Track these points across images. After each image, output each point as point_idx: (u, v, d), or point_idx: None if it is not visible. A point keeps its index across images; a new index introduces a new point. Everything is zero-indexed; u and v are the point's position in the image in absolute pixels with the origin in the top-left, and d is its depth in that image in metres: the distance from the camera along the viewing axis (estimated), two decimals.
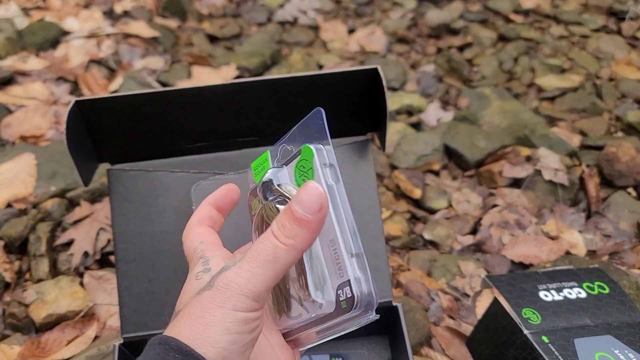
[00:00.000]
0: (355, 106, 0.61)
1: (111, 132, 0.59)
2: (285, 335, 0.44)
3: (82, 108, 0.56)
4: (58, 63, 1.39)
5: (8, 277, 0.89)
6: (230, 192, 0.48)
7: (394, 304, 0.64)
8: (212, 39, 1.66)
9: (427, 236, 1.04)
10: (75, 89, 1.35)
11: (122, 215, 0.62)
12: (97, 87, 1.33)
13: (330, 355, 0.68)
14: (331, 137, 0.66)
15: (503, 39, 1.72)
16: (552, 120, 1.36)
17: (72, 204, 1.01)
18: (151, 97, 0.56)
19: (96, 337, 0.82)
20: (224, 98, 0.57)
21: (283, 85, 0.58)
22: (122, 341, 0.62)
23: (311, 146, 0.41)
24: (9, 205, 0.99)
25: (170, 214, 0.62)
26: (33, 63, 1.38)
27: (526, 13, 1.83)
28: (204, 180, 0.60)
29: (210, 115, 0.59)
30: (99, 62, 1.44)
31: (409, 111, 1.38)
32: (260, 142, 0.64)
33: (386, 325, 0.70)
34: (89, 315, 0.85)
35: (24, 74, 1.35)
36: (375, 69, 0.58)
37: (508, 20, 1.79)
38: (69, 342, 0.80)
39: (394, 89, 1.49)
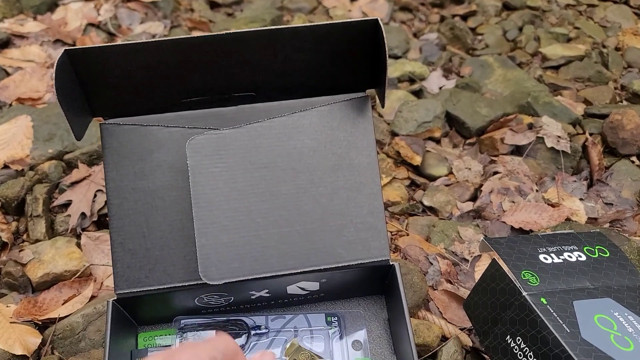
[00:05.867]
0: (355, 61, 0.60)
1: (103, 84, 0.57)
2: None
3: (73, 59, 0.54)
4: (56, 26, 1.37)
5: (5, 237, 0.89)
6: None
7: (391, 262, 0.63)
8: (213, 4, 1.64)
9: (426, 202, 1.03)
10: None
11: (116, 170, 0.61)
12: (101, 44, 1.31)
13: (326, 314, 0.68)
14: (330, 94, 0.65)
15: (508, 7, 1.69)
16: (556, 89, 1.34)
17: (70, 166, 1.00)
18: (144, 47, 0.54)
19: (93, 297, 0.82)
20: (220, 49, 0.56)
21: (281, 37, 0.56)
22: (115, 297, 0.61)
23: None
24: (5, 167, 0.99)
25: (164, 170, 0.61)
26: (30, 26, 1.36)
27: None
28: (199, 135, 0.59)
29: (206, 67, 0.57)
30: (97, 26, 1.42)
31: (411, 79, 1.36)
32: (256, 98, 0.63)
33: (383, 285, 0.69)
34: (85, 276, 0.84)
35: (21, 36, 1.33)
36: (376, 20, 0.56)
37: None
38: (66, 301, 0.80)
39: (396, 57, 1.47)
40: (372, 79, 0.62)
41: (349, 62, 0.60)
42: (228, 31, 0.53)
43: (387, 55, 0.55)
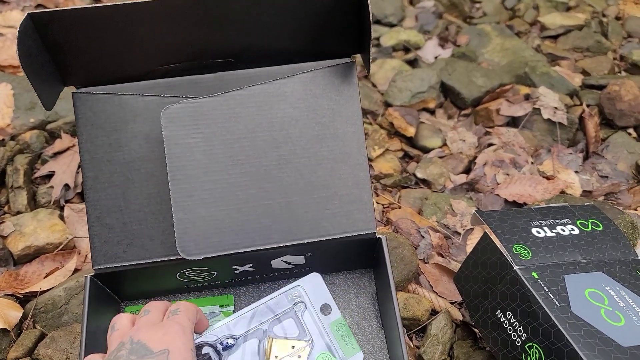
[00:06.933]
0: (340, 24, 0.57)
1: (73, 51, 0.54)
2: None
3: (38, 23, 0.51)
4: None
5: None
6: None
7: (377, 235, 0.61)
8: None
9: (419, 175, 1.01)
10: None
11: (90, 142, 0.58)
12: (69, 6, 1.27)
13: (285, 294, 0.63)
14: (314, 60, 0.62)
15: None
16: (554, 59, 1.31)
17: (52, 135, 0.98)
18: (114, 9, 0.51)
19: (77, 270, 0.80)
20: (196, 9, 0.52)
21: None
22: (93, 273, 0.59)
23: None
24: None
25: (140, 141, 0.59)
26: None
27: None
28: (174, 104, 0.56)
29: (182, 30, 0.54)
30: None
31: (406, 47, 1.32)
32: (236, 65, 0.60)
33: (370, 258, 0.67)
34: (69, 249, 0.82)
35: (2, 1, 1.29)
36: None
37: None
38: (48, 274, 0.79)
39: (391, 25, 1.43)
40: (358, 44, 0.59)
41: (333, 25, 0.57)
42: None
43: (371, 19, 0.51)
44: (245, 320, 0.59)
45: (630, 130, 1.11)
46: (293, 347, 0.59)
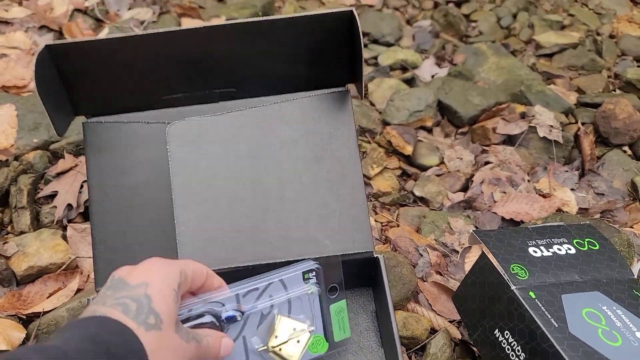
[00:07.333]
0: (333, 54, 0.59)
1: (85, 80, 0.56)
2: None
3: (54, 54, 0.53)
4: (41, 12, 1.35)
5: None
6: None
7: (375, 255, 0.63)
8: None
9: (417, 193, 1.02)
10: (59, 38, 1.31)
11: (97, 167, 0.60)
12: (82, 38, 1.28)
13: (302, 272, 0.60)
14: (310, 89, 0.64)
15: None
16: (549, 77, 1.33)
17: (55, 156, 0.99)
18: (123, 42, 0.53)
19: (79, 290, 0.81)
20: (199, 43, 0.54)
21: (257, 30, 0.55)
22: (95, 295, 0.60)
23: None
24: None
25: (145, 166, 0.60)
26: (15, 11, 1.34)
27: None
28: (180, 120, 0.57)
29: (186, 62, 0.56)
30: (84, 11, 1.40)
31: (403, 67, 1.34)
32: (237, 94, 0.61)
33: (369, 277, 0.68)
34: (71, 269, 0.83)
35: (6, 22, 1.31)
36: (351, 11, 0.55)
37: None
38: (51, 294, 0.79)
39: (388, 44, 1.45)
40: (351, 74, 0.61)
41: (327, 55, 0.59)
42: (206, 24, 0.52)
43: (363, 48, 0.53)
44: (256, 292, 0.58)
45: (626, 148, 1.12)
46: (295, 329, 0.58)
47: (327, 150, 0.61)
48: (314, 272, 0.60)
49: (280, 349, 0.57)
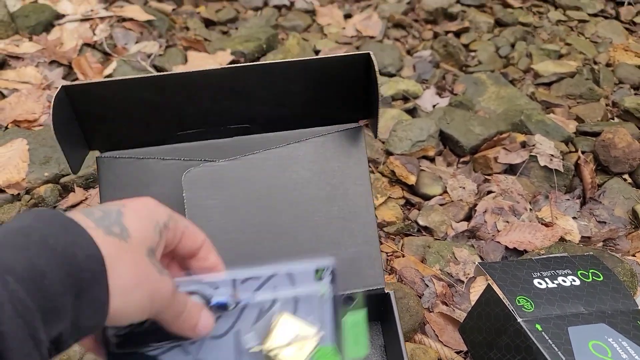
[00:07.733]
0: (348, 92, 0.61)
1: (100, 119, 0.58)
2: None
3: (70, 94, 0.55)
4: (51, 47, 1.38)
5: None
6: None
7: (386, 291, 0.64)
8: (208, 23, 1.65)
9: (421, 222, 1.03)
10: (68, 73, 1.34)
11: None
12: (91, 72, 1.31)
13: (316, 269, 0.50)
14: (323, 125, 0.66)
15: (500, 24, 1.70)
16: (548, 106, 1.35)
17: (66, 189, 1.01)
18: (140, 82, 0.55)
19: None
20: (215, 83, 0.56)
21: (275, 71, 0.57)
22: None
23: None
24: (1, 191, 0.99)
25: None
26: (26, 46, 1.37)
27: None
28: (195, 167, 0.59)
29: (201, 101, 0.58)
30: (93, 46, 1.43)
31: (405, 97, 1.37)
32: (252, 129, 0.63)
33: (378, 312, 0.70)
34: None
35: (16, 57, 1.34)
36: (368, 54, 0.57)
37: (505, 4, 1.78)
38: None
39: (390, 75, 1.48)
40: (364, 110, 0.63)
41: (341, 94, 0.61)
42: (223, 66, 0.54)
43: (379, 87, 0.55)
44: (256, 282, 0.48)
45: (626, 176, 1.14)
46: (299, 332, 0.48)
47: (339, 188, 0.63)
48: (329, 271, 0.49)
49: (277, 354, 0.47)
